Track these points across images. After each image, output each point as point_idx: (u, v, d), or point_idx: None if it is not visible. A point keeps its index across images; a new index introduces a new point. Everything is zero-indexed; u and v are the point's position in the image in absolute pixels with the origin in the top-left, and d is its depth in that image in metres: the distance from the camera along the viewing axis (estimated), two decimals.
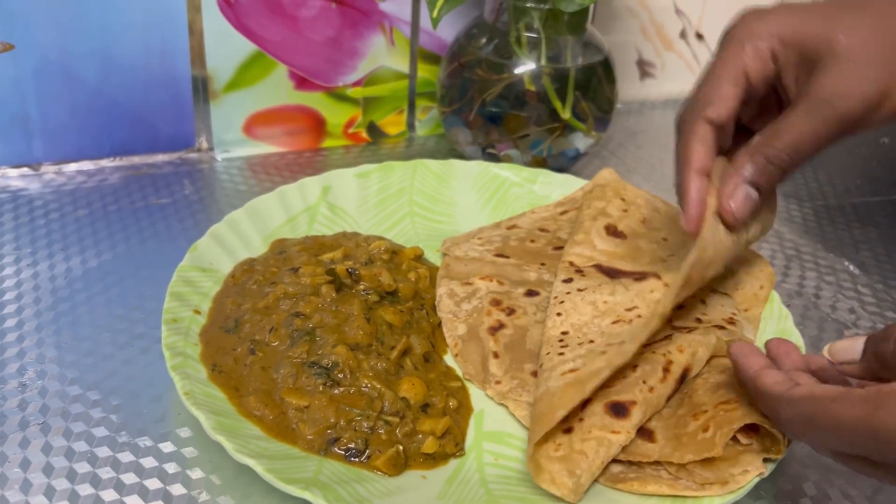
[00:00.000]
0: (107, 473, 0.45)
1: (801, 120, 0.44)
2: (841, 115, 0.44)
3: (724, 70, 0.46)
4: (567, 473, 0.43)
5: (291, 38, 0.74)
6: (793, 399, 0.38)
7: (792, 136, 0.44)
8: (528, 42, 0.70)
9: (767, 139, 0.45)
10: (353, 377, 0.48)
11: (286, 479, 0.42)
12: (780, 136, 0.45)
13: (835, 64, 0.44)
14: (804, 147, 0.45)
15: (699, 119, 0.46)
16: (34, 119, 0.70)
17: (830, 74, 0.44)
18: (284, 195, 0.64)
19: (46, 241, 0.63)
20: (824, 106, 0.44)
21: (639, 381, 0.47)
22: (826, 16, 0.45)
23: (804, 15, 0.46)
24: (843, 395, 0.35)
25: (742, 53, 0.46)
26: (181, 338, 0.50)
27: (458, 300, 0.57)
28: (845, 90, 0.44)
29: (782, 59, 0.46)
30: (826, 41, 0.44)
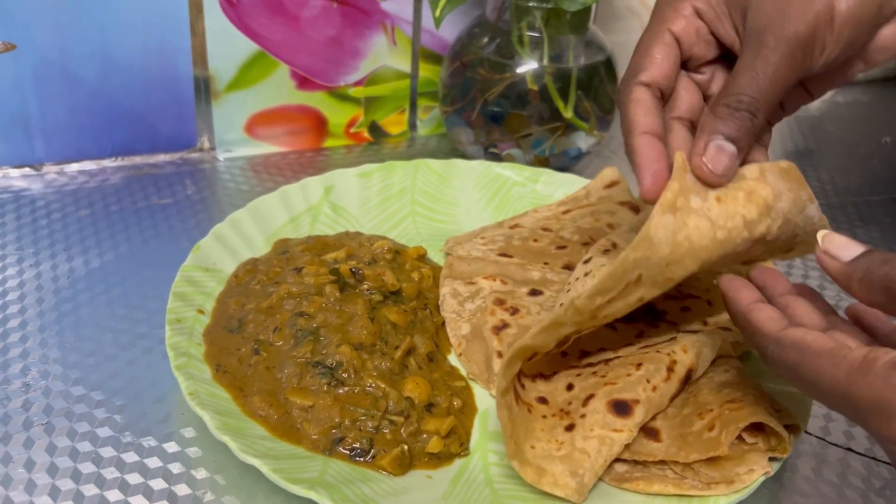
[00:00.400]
0: (111, 474, 0.45)
1: (749, 58, 0.42)
2: (790, 39, 0.41)
3: (649, 37, 0.45)
4: (570, 474, 0.43)
5: (293, 38, 0.74)
6: (781, 342, 0.37)
7: (748, 78, 0.42)
8: (530, 41, 0.70)
9: (724, 88, 0.43)
10: (357, 377, 0.48)
11: (291, 479, 0.42)
12: (735, 79, 0.42)
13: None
14: (764, 84, 0.42)
15: (634, 85, 0.45)
16: (35, 119, 0.70)
17: (764, 5, 0.42)
18: (287, 195, 0.64)
19: (49, 242, 0.63)
20: (767, 36, 0.41)
21: (642, 379, 0.47)
22: None
23: None
24: (830, 353, 0.35)
25: (666, 18, 0.45)
26: (185, 338, 0.50)
27: (461, 300, 0.57)
28: (783, 15, 0.41)
29: (710, 15, 0.44)
30: None
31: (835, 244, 0.39)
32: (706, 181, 0.41)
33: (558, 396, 0.48)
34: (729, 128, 0.42)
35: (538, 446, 0.45)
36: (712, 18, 0.45)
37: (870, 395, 0.33)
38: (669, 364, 0.47)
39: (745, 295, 0.41)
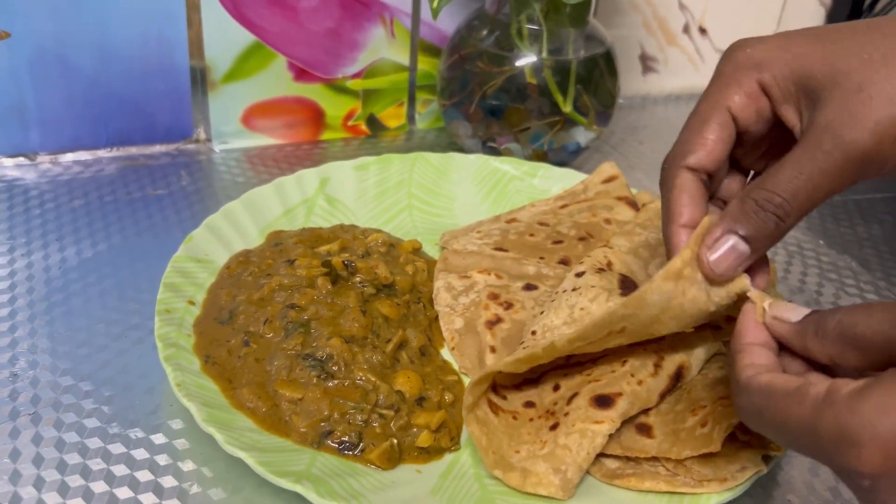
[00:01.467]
0: (97, 465, 0.45)
1: (799, 157, 0.37)
2: (848, 147, 0.36)
3: (706, 111, 0.40)
4: (553, 471, 0.43)
5: (291, 29, 0.73)
6: (750, 389, 0.35)
7: (789, 176, 0.38)
8: (529, 34, 0.70)
9: (760, 181, 0.39)
10: (347, 370, 0.48)
11: (278, 472, 0.41)
12: (774, 176, 0.38)
13: (839, 91, 0.37)
14: (805, 189, 0.37)
15: (680, 169, 0.41)
16: (30, 108, 0.69)
17: (833, 102, 0.37)
18: (282, 187, 0.63)
19: (41, 232, 0.63)
20: (826, 138, 0.37)
21: (627, 374, 0.46)
22: (828, 39, 0.38)
23: (802, 40, 0.39)
24: (795, 391, 0.33)
25: (726, 91, 0.40)
26: (174, 328, 0.50)
27: (455, 294, 0.56)
28: (851, 118, 0.36)
29: (776, 93, 0.40)
30: (828, 67, 0.38)
31: (782, 309, 0.38)
32: (705, 276, 0.39)
33: (545, 398, 0.47)
34: (749, 228, 0.38)
35: (523, 449, 0.44)
36: (777, 99, 0.40)
37: (835, 426, 0.31)
38: (656, 360, 0.46)
39: (749, 333, 0.38)
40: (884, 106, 0.36)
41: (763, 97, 0.40)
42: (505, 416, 0.46)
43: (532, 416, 0.46)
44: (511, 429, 0.45)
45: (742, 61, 0.40)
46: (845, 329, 0.34)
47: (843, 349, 0.35)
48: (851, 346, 0.34)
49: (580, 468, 0.43)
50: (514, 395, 0.48)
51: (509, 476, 0.43)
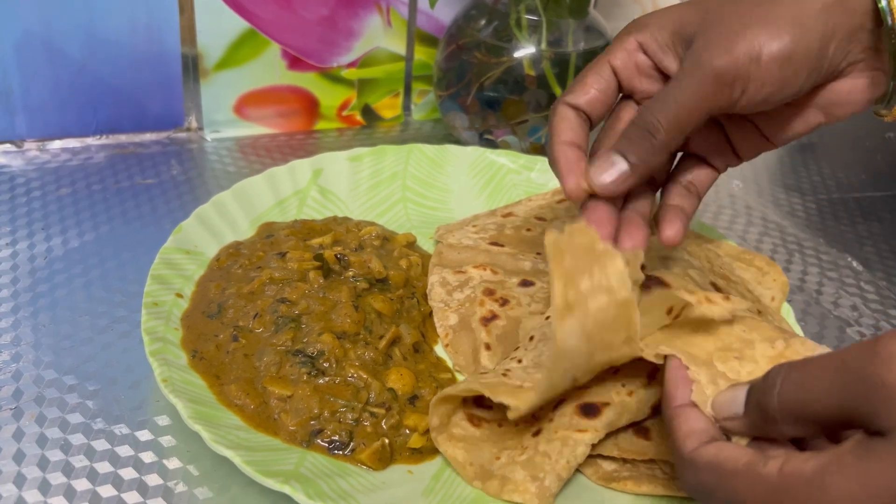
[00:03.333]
0: (80, 462, 0.44)
1: (674, 85, 0.42)
2: (705, 69, 0.41)
3: (591, 65, 0.47)
4: (530, 479, 0.41)
5: (285, 17, 0.72)
6: (696, 463, 0.35)
7: (658, 100, 0.42)
8: (528, 25, 0.68)
9: (641, 109, 0.44)
10: (338, 367, 0.47)
11: (265, 472, 0.40)
12: (651, 103, 0.43)
13: (705, 29, 0.42)
14: (672, 108, 0.42)
15: (560, 104, 0.47)
16: (17, 94, 0.68)
17: (699, 39, 0.42)
18: (274, 177, 0.62)
19: (27, 220, 0.62)
20: (689, 63, 0.42)
21: (617, 383, 0.44)
22: (702, 2, 0.44)
23: (684, 6, 0.45)
24: (745, 471, 0.32)
25: (610, 50, 0.46)
26: (161, 322, 0.48)
27: (450, 289, 0.55)
28: (710, 44, 0.41)
29: (654, 47, 0.45)
30: (700, 16, 0.43)
31: (723, 406, 0.37)
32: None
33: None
34: (626, 144, 0.43)
35: (503, 455, 0.43)
36: (655, 51, 0.45)
37: None
38: (650, 371, 0.44)
39: (679, 394, 0.38)
40: (737, 32, 0.41)
41: (640, 52, 0.46)
42: (489, 425, 0.45)
43: (518, 421, 0.44)
44: (495, 436, 0.44)
45: (628, 27, 0.47)
46: (791, 408, 0.33)
47: (797, 427, 0.33)
48: (803, 423, 0.33)
49: (559, 477, 0.41)
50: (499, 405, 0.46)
51: (488, 485, 0.42)
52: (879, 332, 0.60)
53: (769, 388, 0.34)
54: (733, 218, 0.72)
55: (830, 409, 0.31)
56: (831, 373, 0.31)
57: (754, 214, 0.73)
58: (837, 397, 0.31)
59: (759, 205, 0.74)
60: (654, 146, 0.42)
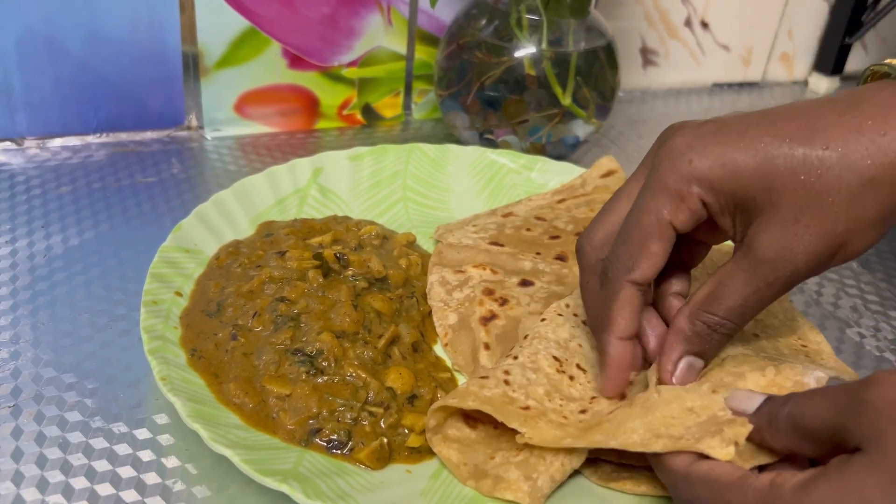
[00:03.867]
0: (78, 460, 0.43)
1: (741, 283, 0.39)
2: (785, 275, 0.39)
3: (651, 225, 0.40)
4: (524, 479, 0.41)
5: (285, 15, 0.72)
6: (690, 478, 0.36)
7: (734, 301, 0.40)
8: (529, 24, 0.68)
9: (708, 304, 0.41)
10: (337, 366, 0.46)
11: (264, 471, 0.40)
12: (720, 301, 0.40)
13: (774, 215, 0.38)
14: (748, 310, 0.40)
15: (624, 283, 0.41)
16: (18, 91, 0.68)
17: (770, 230, 0.38)
18: (274, 176, 0.62)
19: (27, 218, 0.61)
20: (766, 268, 0.38)
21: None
22: (762, 150, 0.38)
23: (738, 148, 0.38)
24: (737, 483, 0.35)
25: (668, 203, 0.40)
26: (161, 320, 0.48)
27: (449, 288, 0.55)
28: (788, 250, 0.38)
29: (714, 206, 0.40)
30: (766, 185, 0.38)
31: (738, 399, 0.39)
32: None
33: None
34: (703, 346, 0.42)
35: (498, 454, 0.43)
36: (716, 214, 0.40)
37: None
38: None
39: None
40: (818, 234, 0.37)
41: (704, 211, 0.40)
42: (485, 427, 0.44)
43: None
44: (490, 438, 0.44)
45: (686, 173, 0.39)
46: (795, 421, 0.35)
47: (797, 441, 0.35)
48: (802, 438, 0.35)
49: (552, 478, 0.41)
50: None
51: (482, 484, 0.42)
52: (879, 332, 0.60)
53: (783, 402, 0.36)
54: None
55: (824, 424, 0.34)
56: (833, 394, 0.34)
57: None
58: (830, 413, 0.34)
59: None
60: (725, 342, 0.42)
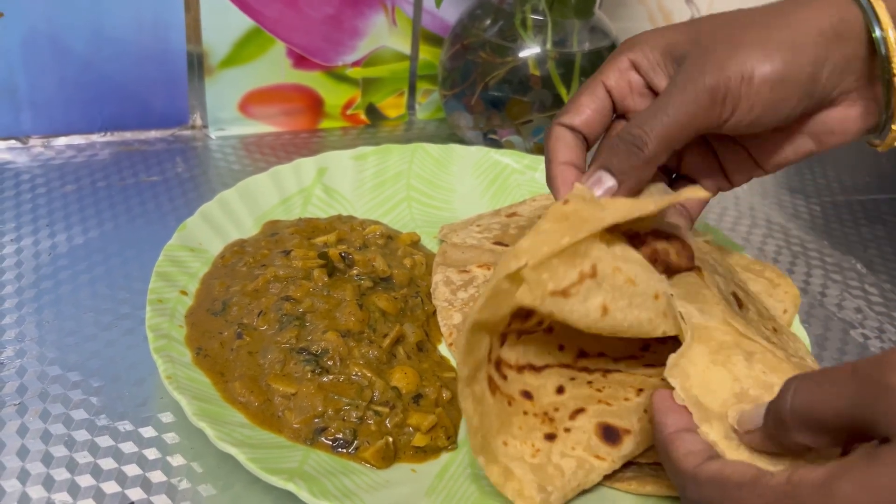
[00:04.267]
0: (84, 458, 0.44)
1: (663, 99, 0.42)
2: (696, 86, 0.41)
3: (585, 85, 0.47)
4: (538, 487, 0.40)
5: (290, 15, 0.72)
6: (698, 479, 0.35)
7: (646, 113, 0.42)
8: (533, 25, 0.68)
9: (628, 122, 0.44)
10: (342, 365, 0.47)
11: (269, 470, 0.40)
12: (640, 116, 0.43)
13: (697, 49, 0.43)
14: (660, 121, 0.42)
15: (556, 125, 0.46)
16: (22, 90, 0.68)
17: (690, 58, 0.42)
18: (278, 175, 0.62)
19: (32, 217, 0.62)
20: (687, 83, 0.42)
21: (640, 408, 0.43)
22: (698, 22, 0.44)
23: (677, 25, 0.45)
24: (751, 483, 0.32)
25: (604, 69, 0.46)
26: (166, 319, 0.48)
27: (454, 288, 0.55)
28: (701, 64, 0.42)
29: (645, 65, 0.45)
30: (693, 36, 0.43)
31: (746, 420, 0.37)
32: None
33: (545, 397, 0.45)
34: (612, 159, 0.43)
35: (511, 444, 0.42)
36: (647, 70, 0.45)
37: None
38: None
39: (671, 421, 0.38)
40: (729, 52, 0.41)
41: (632, 71, 0.46)
42: (501, 398, 0.43)
43: (527, 410, 0.44)
44: (504, 415, 0.43)
45: (621, 46, 0.47)
46: (804, 414, 0.33)
47: (811, 436, 0.33)
48: (817, 432, 0.33)
49: (565, 496, 0.41)
50: (513, 378, 0.44)
51: (491, 468, 0.41)
52: (883, 334, 0.60)
53: (783, 394, 0.34)
54: (737, 220, 0.72)
55: (839, 413, 0.31)
56: (841, 379, 0.32)
57: (758, 217, 0.73)
58: (846, 402, 0.31)
59: (763, 207, 0.74)
60: (641, 160, 0.42)
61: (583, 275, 0.38)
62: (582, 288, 0.39)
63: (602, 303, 0.39)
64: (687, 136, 0.42)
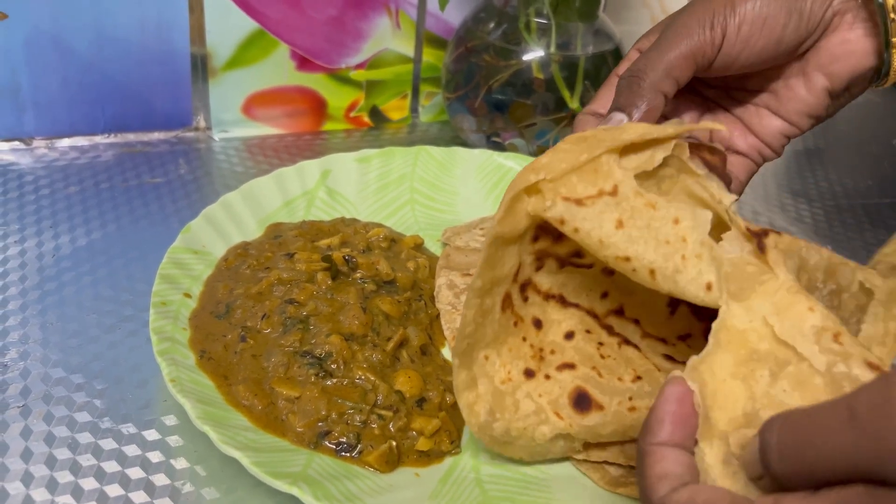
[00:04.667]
0: (87, 461, 0.44)
1: (656, 41, 0.46)
2: (682, 23, 0.45)
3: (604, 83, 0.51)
4: (489, 410, 0.40)
5: (294, 17, 0.72)
6: None
7: (646, 52, 0.46)
8: (537, 28, 0.68)
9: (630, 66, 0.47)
10: (346, 368, 0.47)
11: (273, 474, 0.40)
12: (638, 57, 0.47)
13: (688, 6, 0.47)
14: (652, 57, 0.45)
15: (581, 113, 0.49)
16: (25, 91, 0.68)
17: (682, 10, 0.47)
18: (282, 178, 0.62)
19: (35, 218, 0.62)
20: (677, 19, 0.46)
21: (626, 394, 0.43)
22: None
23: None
24: None
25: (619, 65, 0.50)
26: (170, 322, 0.48)
27: (457, 292, 0.55)
28: (696, 4, 0.46)
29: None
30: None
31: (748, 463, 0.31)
32: None
33: (551, 334, 0.43)
34: (619, 98, 0.46)
35: (491, 361, 0.41)
36: None
37: None
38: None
39: (664, 431, 0.33)
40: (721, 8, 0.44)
41: None
42: (510, 316, 0.42)
43: (526, 338, 0.43)
44: (502, 332, 0.42)
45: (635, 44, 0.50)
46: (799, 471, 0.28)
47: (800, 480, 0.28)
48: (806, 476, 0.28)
49: (507, 432, 0.41)
50: (535, 302, 0.43)
51: (460, 372, 0.41)
52: None
53: (766, 448, 0.29)
54: None
55: (842, 469, 0.27)
56: (839, 428, 0.27)
57: (761, 220, 0.73)
58: (850, 458, 0.26)
59: (766, 210, 0.74)
60: (642, 88, 0.45)
61: (602, 191, 0.37)
62: (599, 201, 0.37)
63: (618, 217, 0.37)
64: (684, 64, 0.45)
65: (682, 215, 0.37)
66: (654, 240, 0.37)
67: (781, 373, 0.34)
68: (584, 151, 0.37)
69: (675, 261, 0.36)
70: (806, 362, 0.34)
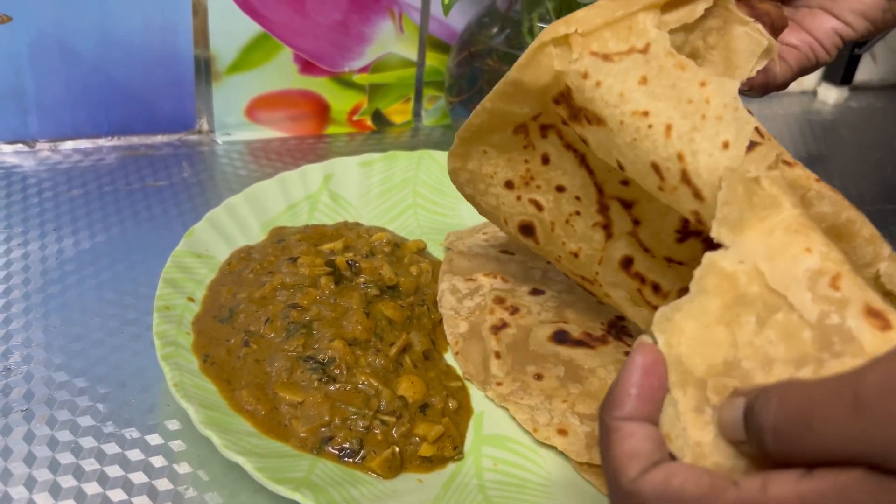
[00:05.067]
0: (90, 465, 0.44)
1: None
2: None
3: None
4: (467, 179, 0.48)
5: (297, 21, 0.72)
6: (641, 494, 0.28)
7: None
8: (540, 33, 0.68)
9: None
10: (349, 373, 0.47)
11: (276, 479, 0.40)
12: None
13: None
14: None
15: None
16: (30, 94, 0.68)
17: None
18: (285, 182, 0.62)
19: (39, 221, 0.62)
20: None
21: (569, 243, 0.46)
22: None
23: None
24: (713, 494, 0.27)
25: None
26: (173, 326, 0.48)
27: (460, 296, 0.55)
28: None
29: None
30: None
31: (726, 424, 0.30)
32: None
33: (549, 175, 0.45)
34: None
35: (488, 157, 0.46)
36: None
37: None
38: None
39: (629, 403, 0.30)
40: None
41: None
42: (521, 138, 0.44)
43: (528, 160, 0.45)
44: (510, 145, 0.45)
45: None
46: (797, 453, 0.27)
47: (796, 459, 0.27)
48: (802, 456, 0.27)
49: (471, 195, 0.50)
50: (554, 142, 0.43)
51: (457, 147, 0.46)
52: None
53: (758, 422, 0.28)
54: None
55: (842, 453, 0.26)
56: (844, 415, 0.25)
57: None
58: (853, 445, 0.25)
59: None
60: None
61: (633, 48, 0.37)
62: (627, 58, 0.36)
63: (643, 74, 0.36)
64: None
65: (711, 80, 0.35)
66: (676, 98, 0.35)
67: (769, 320, 0.31)
68: (622, 7, 0.37)
69: (695, 120, 0.35)
70: (796, 313, 0.31)
